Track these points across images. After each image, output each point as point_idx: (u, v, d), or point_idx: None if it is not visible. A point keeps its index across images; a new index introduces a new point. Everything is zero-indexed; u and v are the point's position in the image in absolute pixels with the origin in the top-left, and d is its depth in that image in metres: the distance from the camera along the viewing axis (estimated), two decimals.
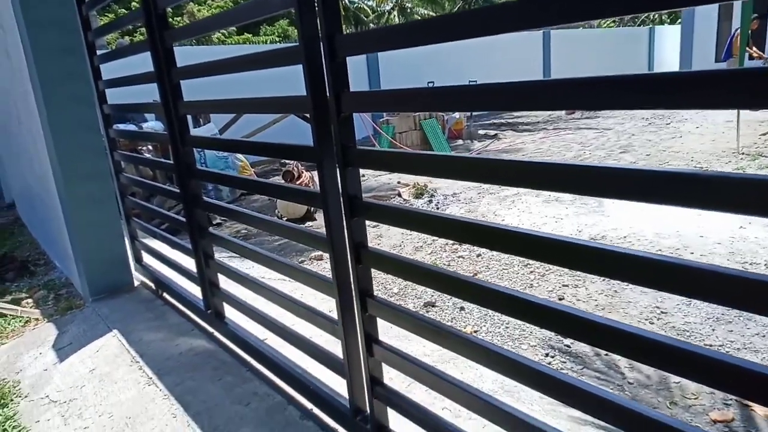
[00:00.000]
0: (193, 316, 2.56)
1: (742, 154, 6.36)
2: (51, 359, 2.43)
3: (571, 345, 2.70)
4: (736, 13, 10.86)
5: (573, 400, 1.00)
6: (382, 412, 1.49)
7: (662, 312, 2.94)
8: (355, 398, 1.54)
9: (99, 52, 2.83)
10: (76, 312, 2.94)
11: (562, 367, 2.53)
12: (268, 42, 19.86)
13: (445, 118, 10.18)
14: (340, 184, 1.36)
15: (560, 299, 3.24)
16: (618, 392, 2.30)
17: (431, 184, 6.28)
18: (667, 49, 17.37)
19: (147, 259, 3.08)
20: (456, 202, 5.73)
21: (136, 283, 3.12)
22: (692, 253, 3.67)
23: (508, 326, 2.96)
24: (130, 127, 5.31)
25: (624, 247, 0.85)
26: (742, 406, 2.15)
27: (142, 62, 2.13)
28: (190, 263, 2.42)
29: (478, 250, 4.09)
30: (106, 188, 2.89)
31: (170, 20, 2.03)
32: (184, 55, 2.37)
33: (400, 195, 6.18)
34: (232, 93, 1.94)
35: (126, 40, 14.85)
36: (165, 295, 2.88)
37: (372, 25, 19.17)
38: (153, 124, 5.83)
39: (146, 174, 5.37)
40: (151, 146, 5.68)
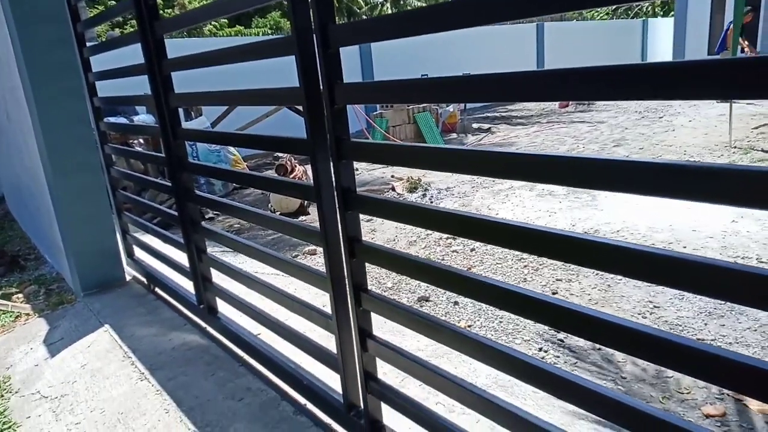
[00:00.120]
0: (186, 311, 2.55)
1: (735, 147, 6.40)
2: (42, 354, 2.41)
3: (565, 339, 2.71)
4: (729, 6, 10.90)
5: (566, 394, 1.00)
6: (376, 407, 1.48)
7: (655, 306, 2.96)
8: (349, 393, 1.53)
9: (89, 44, 2.80)
10: (68, 307, 2.91)
11: (556, 361, 2.54)
12: (261, 34, 19.71)
13: (439, 112, 10.16)
14: (333, 177, 1.34)
15: (554, 293, 3.25)
16: (612, 385, 2.31)
17: (425, 178, 6.27)
18: (660, 42, 17.43)
19: (139, 253, 3.06)
20: (450, 196, 5.73)
21: (128, 278, 3.10)
22: (685, 247, 3.69)
23: (501, 321, 2.96)
24: (121, 120, 5.25)
25: (617, 239, 0.84)
26: (736, 401, 2.16)
27: (133, 54, 2.10)
28: (182, 258, 2.40)
29: (472, 245, 4.10)
30: (97, 182, 2.87)
31: (161, 12, 2.00)
32: (175, 48, 2.34)
33: (393, 189, 6.17)
34: (225, 86, 1.92)
35: (116, 32, 14.70)
36: (157, 289, 2.86)
37: (365, 17, 19.05)
38: (144, 117, 5.78)
39: (137, 167, 5.33)
40: (142, 139, 5.63)
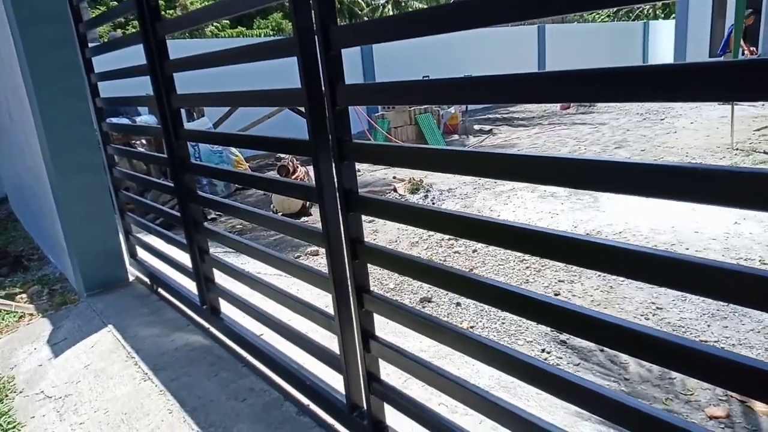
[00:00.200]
0: (189, 312, 2.55)
1: (737, 149, 6.39)
2: (46, 354, 2.42)
3: (568, 339, 2.71)
4: (730, 9, 10.88)
5: (568, 395, 0.99)
6: (379, 408, 1.48)
7: (658, 308, 2.95)
8: (352, 394, 1.53)
9: (91, 45, 2.80)
10: (71, 307, 2.92)
11: (559, 362, 2.54)
12: (262, 35, 19.74)
13: (441, 113, 10.16)
14: (335, 179, 1.35)
15: (556, 295, 3.24)
16: (617, 386, 2.30)
17: (427, 180, 6.27)
18: (661, 44, 17.40)
19: (141, 254, 3.06)
20: (452, 198, 5.72)
21: (131, 278, 3.11)
22: (687, 249, 3.68)
23: (504, 322, 2.96)
24: (123, 121, 5.27)
25: (620, 241, 0.84)
26: (741, 402, 2.15)
27: (135, 55, 2.10)
28: (185, 258, 2.41)
29: (474, 246, 4.09)
30: (99, 182, 2.87)
31: (162, 13, 2.01)
32: (177, 49, 2.35)
33: (395, 190, 6.17)
34: (227, 87, 1.92)
35: (118, 33, 14.73)
36: (160, 290, 2.86)
37: (366, 19, 19.06)
38: (146, 118, 5.79)
39: (140, 168, 5.34)
40: (144, 140, 5.64)
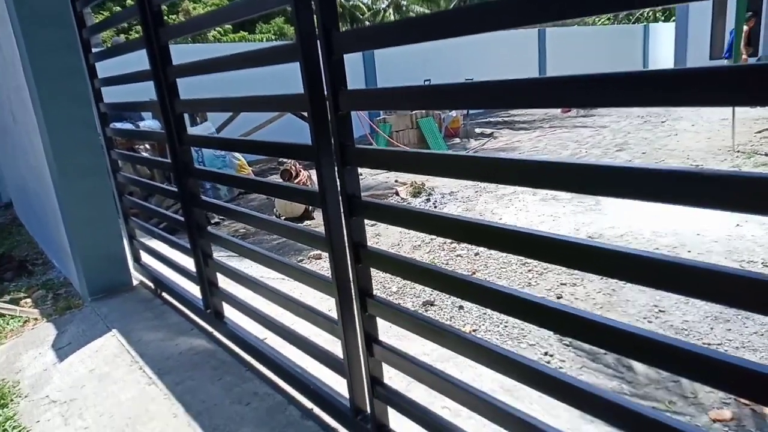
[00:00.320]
0: (193, 316, 2.56)
1: (738, 152, 6.38)
2: (50, 359, 2.43)
3: (572, 340, 2.70)
4: (731, 11, 10.87)
5: (571, 398, 1.00)
6: (383, 412, 1.49)
7: (660, 310, 2.95)
8: (356, 398, 1.54)
9: (94, 50, 2.82)
10: (75, 311, 2.93)
11: (562, 366, 2.53)
12: (264, 40, 19.80)
13: (442, 117, 10.18)
14: (338, 183, 1.35)
15: (558, 298, 3.24)
16: (625, 387, 2.29)
17: (429, 183, 6.28)
18: (661, 47, 17.41)
19: (145, 258, 3.08)
20: (453, 201, 5.73)
21: (135, 283, 3.12)
22: (689, 252, 3.68)
23: (506, 325, 2.96)
24: (127, 126, 5.29)
25: (621, 245, 0.85)
26: (746, 405, 2.15)
27: (138, 60, 2.12)
28: (188, 263, 2.42)
29: (476, 249, 4.10)
30: (103, 186, 2.89)
31: (165, 18, 2.02)
32: (180, 54, 2.36)
33: (397, 194, 6.18)
34: (229, 92, 1.94)
35: (121, 38, 14.79)
36: (164, 294, 2.87)
37: (367, 23, 19.14)
38: (150, 123, 5.82)
39: (144, 173, 5.36)
40: (148, 145, 5.67)
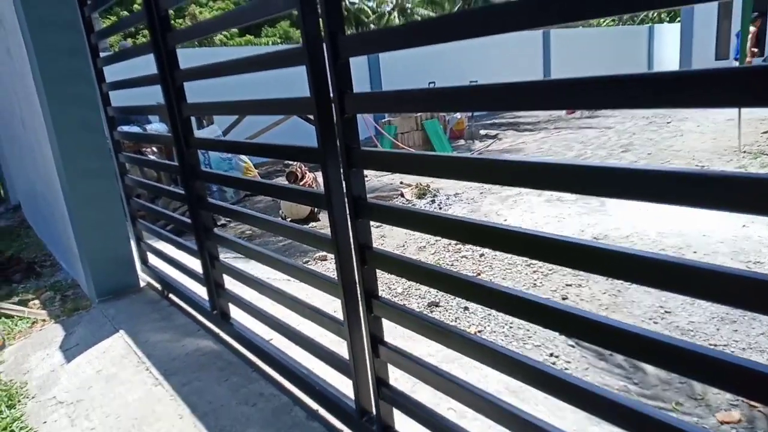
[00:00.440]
0: (199, 317, 2.57)
1: (744, 152, 6.34)
2: (58, 360, 2.45)
3: (576, 342, 2.70)
4: (736, 12, 10.81)
5: (577, 400, 1.00)
6: (388, 413, 1.49)
7: (666, 311, 2.94)
8: (361, 399, 1.55)
9: (102, 55, 2.85)
10: (83, 313, 2.95)
11: (567, 367, 2.53)
12: (270, 43, 19.89)
13: (447, 119, 10.18)
14: (344, 185, 1.36)
15: (564, 299, 3.24)
16: (634, 388, 2.29)
17: (434, 185, 6.28)
18: (666, 48, 17.35)
19: (152, 260, 3.10)
20: (458, 202, 5.73)
21: (142, 284, 3.14)
22: (695, 253, 3.66)
23: (512, 326, 2.96)
24: (134, 129, 5.33)
25: (627, 246, 0.85)
26: (754, 408, 2.14)
27: (146, 65, 2.14)
28: (195, 264, 2.44)
29: (481, 250, 4.10)
30: (111, 189, 2.91)
31: (172, 22, 2.04)
32: (187, 58, 2.38)
33: (402, 195, 6.19)
34: (232, 95, 1.95)
35: (128, 42, 14.90)
36: (171, 296, 2.89)
37: (372, 26, 19.18)
38: (157, 126, 5.85)
39: (151, 176, 5.39)
40: (155, 148, 5.70)
